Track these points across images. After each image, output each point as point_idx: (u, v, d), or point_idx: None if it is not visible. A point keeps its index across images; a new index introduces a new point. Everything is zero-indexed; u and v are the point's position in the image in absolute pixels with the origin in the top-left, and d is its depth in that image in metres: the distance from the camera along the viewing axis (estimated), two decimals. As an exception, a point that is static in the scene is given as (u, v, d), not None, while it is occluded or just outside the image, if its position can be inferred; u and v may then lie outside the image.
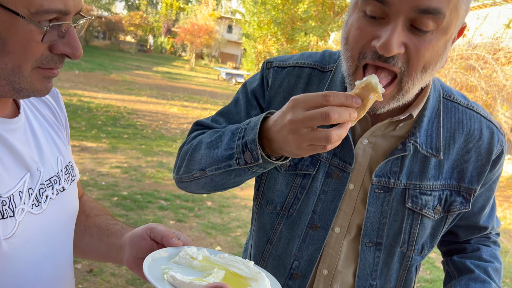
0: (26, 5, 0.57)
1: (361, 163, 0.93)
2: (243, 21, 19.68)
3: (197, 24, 30.79)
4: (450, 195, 0.93)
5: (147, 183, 5.24)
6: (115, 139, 7.20)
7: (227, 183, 0.90)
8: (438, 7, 0.71)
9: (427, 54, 0.75)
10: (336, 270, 0.98)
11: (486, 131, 0.93)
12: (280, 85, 0.98)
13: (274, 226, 1.01)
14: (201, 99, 14.81)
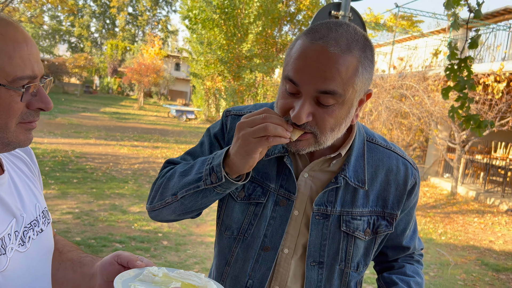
0: (4, 76, 0.75)
1: (303, 192, 1.12)
2: (190, 59, 20.02)
3: (144, 63, 30.79)
4: (376, 219, 1.13)
5: (101, 227, 5.18)
6: (64, 184, 7.05)
7: (195, 205, 1.07)
8: (334, 89, 0.92)
9: (331, 120, 0.96)
10: (286, 286, 1.13)
11: (402, 166, 1.15)
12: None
13: (232, 249, 1.17)
14: (152, 138, 14.75)
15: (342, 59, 0.91)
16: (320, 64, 0.91)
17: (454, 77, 2.04)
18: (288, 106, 0.96)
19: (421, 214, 8.01)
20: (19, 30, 0.79)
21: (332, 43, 0.91)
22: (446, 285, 4.74)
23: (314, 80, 0.92)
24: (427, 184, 11.33)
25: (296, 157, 1.13)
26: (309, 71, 0.92)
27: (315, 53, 0.92)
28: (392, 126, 7.24)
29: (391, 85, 7.20)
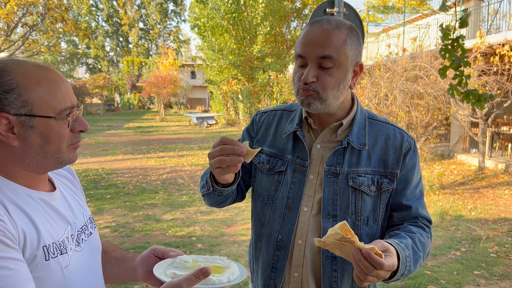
0: (52, 110, 0.95)
1: (316, 159, 1.37)
2: (204, 66, 20.32)
3: (161, 76, 31.38)
4: (380, 178, 1.34)
5: (137, 237, 5.45)
6: (99, 201, 7.39)
7: (215, 200, 1.41)
8: (330, 54, 1.23)
9: (331, 80, 1.26)
10: (307, 239, 1.34)
11: (399, 135, 1.38)
12: (263, 121, 1.52)
13: (264, 213, 1.42)
14: (176, 147, 15.11)
15: (333, 32, 1.24)
16: (318, 37, 1.24)
17: (449, 57, 2.15)
18: (300, 75, 1.29)
19: (449, 192, 7.99)
20: (55, 72, 1.00)
21: (325, 23, 1.27)
22: (479, 258, 4.77)
23: (315, 49, 1.24)
24: (454, 161, 11.21)
25: (310, 132, 1.40)
26: (311, 44, 1.25)
27: (313, 31, 1.26)
28: (409, 108, 7.26)
29: (403, 68, 7.22)
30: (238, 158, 1.14)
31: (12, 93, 0.91)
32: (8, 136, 0.92)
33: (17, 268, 0.84)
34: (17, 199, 0.93)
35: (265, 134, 1.48)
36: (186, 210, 6.86)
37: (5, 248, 0.83)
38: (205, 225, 6.00)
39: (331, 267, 1.32)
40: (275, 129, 1.47)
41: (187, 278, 0.92)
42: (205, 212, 6.70)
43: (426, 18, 17.14)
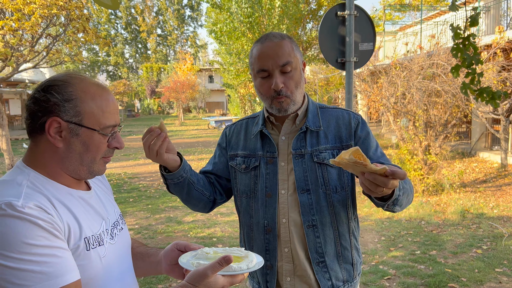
0: (98, 124, 1.09)
1: (283, 149, 1.59)
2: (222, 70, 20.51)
3: (179, 81, 31.79)
4: (338, 151, 1.55)
5: (160, 239, 5.60)
6: (122, 204, 7.59)
7: (179, 192, 1.62)
8: (288, 60, 1.47)
9: (293, 82, 1.50)
10: (289, 216, 1.54)
11: (346, 114, 1.63)
12: (233, 132, 1.75)
13: (250, 205, 1.62)
14: (196, 151, 15.30)
15: (283, 43, 1.49)
16: (273, 50, 1.48)
17: (461, 56, 2.19)
18: (268, 86, 1.50)
19: (470, 190, 7.89)
20: (109, 93, 1.14)
21: (273, 38, 1.51)
22: (501, 256, 4.73)
23: (275, 60, 1.47)
24: (476, 159, 11.03)
25: (274, 128, 1.62)
26: (269, 57, 1.47)
27: (267, 47, 1.49)
28: (427, 106, 7.21)
29: (420, 66, 7.18)
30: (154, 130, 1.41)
31: (70, 103, 1.05)
32: (55, 138, 1.05)
33: (64, 256, 0.95)
34: (61, 196, 1.04)
35: (237, 141, 1.70)
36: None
37: (53, 238, 0.94)
38: (225, 226, 6.10)
39: (313, 235, 1.52)
40: (245, 135, 1.68)
41: (211, 265, 1.02)
42: (225, 214, 6.81)
43: (444, 15, 16.92)
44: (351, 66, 3.19)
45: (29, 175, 1.03)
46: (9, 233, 0.87)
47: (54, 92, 1.04)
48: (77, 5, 7.54)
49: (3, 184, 1.00)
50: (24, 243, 0.88)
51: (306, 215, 1.53)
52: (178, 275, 1.29)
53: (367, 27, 3.18)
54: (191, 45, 62.15)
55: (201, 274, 1.03)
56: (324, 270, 1.53)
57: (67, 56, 8.65)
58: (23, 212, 0.90)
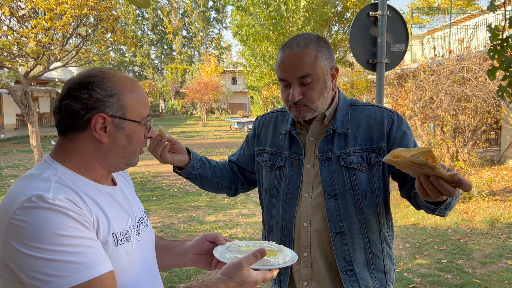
0: (139, 116, 1.10)
1: (310, 150, 1.53)
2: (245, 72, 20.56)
3: (203, 82, 32.05)
4: (368, 154, 1.47)
5: (182, 238, 5.63)
6: (145, 202, 7.68)
7: (196, 183, 1.70)
8: (307, 72, 1.39)
9: (314, 93, 1.42)
10: (311, 221, 1.50)
11: (379, 112, 1.51)
12: (263, 124, 1.72)
13: (272, 204, 1.60)
14: (218, 151, 15.38)
15: (303, 52, 1.40)
16: (292, 61, 1.40)
17: (498, 58, 2.11)
18: (287, 95, 1.45)
19: (500, 198, 7.64)
20: (140, 85, 1.14)
21: (294, 46, 1.41)
22: (533, 268, 4.55)
23: (293, 72, 1.40)
24: (505, 167, 10.68)
25: (303, 128, 1.55)
26: (288, 68, 1.41)
27: (287, 56, 1.42)
28: (456, 111, 7.03)
29: (449, 70, 7.00)
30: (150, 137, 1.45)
31: (113, 97, 1.05)
32: (101, 134, 1.05)
33: (97, 247, 0.94)
34: (88, 191, 1.04)
35: (265, 136, 1.67)
36: (228, 212, 6.99)
37: (84, 230, 0.93)
38: (246, 228, 6.09)
39: (341, 242, 1.47)
40: (273, 130, 1.65)
41: (247, 257, 1.02)
42: (247, 215, 6.80)
43: (474, 18, 16.50)
44: (383, 67, 3.11)
45: (56, 169, 1.02)
46: (41, 225, 0.87)
47: (97, 88, 1.04)
48: (106, 6, 7.69)
49: (32, 178, 0.99)
50: (56, 234, 0.87)
51: (333, 222, 1.46)
52: (205, 264, 1.30)
53: (400, 28, 3.10)
54: (216, 46, 62.66)
55: (236, 266, 1.04)
56: (353, 279, 1.47)
57: (95, 56, 8.83)
58: (54, 204, 0.90)
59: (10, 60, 8.00)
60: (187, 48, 63.02)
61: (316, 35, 1.49)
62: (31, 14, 8.01)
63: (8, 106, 25.53)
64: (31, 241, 0.86)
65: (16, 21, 7.94)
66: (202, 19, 61.40)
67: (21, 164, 12.62)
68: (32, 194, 0.91)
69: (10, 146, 17.77)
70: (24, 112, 8.71)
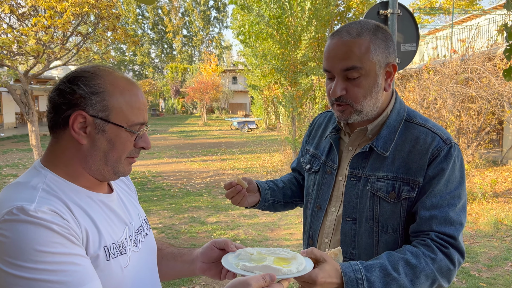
0: (126, 121, 0.99)
1: (345, 161, 1.38)
2: (246, 71, 20.49)
3: (203, 81, 31.98)
4: (401, 184, 1.24)
5: (183, 239, 5.56)
6: (146, 203, 7.61)
7: (270, 210, 1.64)
8: (354, 65, 1.20)
9: (360, 90, 1.23)
10: (332, 238, 1.38)
11: (429, 138, 1.25)
12: (316, 123, 1.62)
13: (306, 209, 1.52)
14: (219, 151, 15.31)
15: (354, 42, 1.20)
16: (338, 50, 1.22)
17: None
18: (329, 89, 1.28)
19: (504, 200, 7.58)
20: (139, 88, 1.05)
21: (344, 34, 1.23)
22: (539, 271, 4.48)
23: (338, 63, 1.22)
24: (508, 168, 10.62)
25: (346, 135, 1.40)
26: (333, 58, 1.23)
27: (333, 45, 1.24)
28: (460, 112, 6.96)
29: (453, 71, 6.94)
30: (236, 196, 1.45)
31: (97, 96, 0.96)
32: (79, 134, 0.96)
33: (83, 264, 0.86)
34: (79, 200, 0.95)
35: (315, 135, 1.56)
36: (229, 213, 6.92)
37: (70, 245, 0.85)
38: (248, 229, 6.03)
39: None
40: (323, 131, 1.52)
41: (256, 277, 0.93)
42: (249, 216, 6.74)
43: (476, 18, 16.44)
44: None
45: (45, 176, 0.94)
46: (22, 240, 0.79)
47: (81, 84, 0.96)
48: (107, 4, 7.62)
49: (17, 187, 0.91)
50: (38, 251, 0.80)
51: (346, 246, 1.31)
52: (215, 273, 1.21)
53: (410, 27, 3.02)
54: (216, 46, 62.58)
55: (243, 284, 0.95)
56: None
57: (96, 54, 8.76)
58: (36, 216, 0.82)
59: (10, 59, 7.93)
60: (187, 47, 62.93)
61: (375, 23, 1.29)
62: (31, 12, 7.94)
63: (8, 104, 25.46)
64: (11, 257, 0.79)
65: (16, 19, 7.86)
66: (203, 18, 61.29)
67: (21, 163, 12.55)
68: (13, 206, 0.83)
69: (10, 145, 17.70)
70: (23, 111, 8.64)
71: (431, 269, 1.13)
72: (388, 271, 1.11)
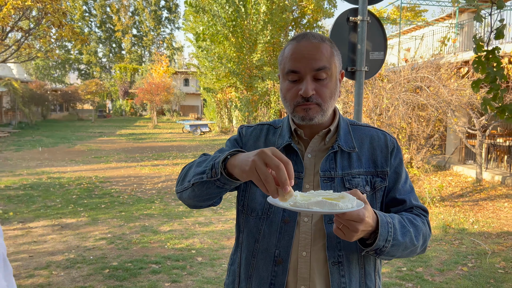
0: None
1: (309, 169, 1.36)
2: (199, 74, 20.19)
3: (154, 83, 31.18)
4: (372, 177, 1.36)
5: (135, 250, 5.26)
6: (93, 211, 7.18)
7: (203, 194, 1.29)
8: (324, 65, 1.26)
9: (327, 91, 1.28)
10: (311, 250, 1.29)
11: (382, 135, 1.42)
12: (251, 135, 1.49)
13: (259, 228, 1.36)
14: (170, 155, 14.90)
15: (322, 45, 1.27)
16: (310, 51, 1.26)
17: (482, 69, 2.04)
18: (295, 91, 1.28)
19: (449, 204, 7.92)
20: None
21: (312, 38, 1.29)
22: (487, 275, 4.67)
23: (310, 63, 1.25)
24: (450, 173, 11.17)
25: (300, 143, 1.39)
26: (304, 58, 1.25)
27: (304, 46, 1.27)
28: (411, 120, 7.19)
29: (406, 79, 7.16)
30: (277, 195, 1.04)
31: None
32: None
33: None
34: None
35: (255, 147, 1.43)
36: (183, 221, 6.67)
37: None
38: (204, 237, 5.82)
39: (338, 273, 1.29)
40: (264, 143, 1.44)
41: None
42: (204, 224, 6.53)
43: (420, 29, 17.26)
44: (362, 75, 2.98)
45: None
46: None
47: None
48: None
49: None
50: None
51: (332, 250, 1.29)
52: None
53: (379, 35, 3.01)
54: (167, 47, 61.40)
55: None
56: None
57: (40, 52, 8.17)
58: None
59: None
60: (137, 47, 61.22)
61: (327, 37, 1.43)
62: (-35, 3, 7.25)
63: None
64: None
65: None
66: (154, 18, 59.91)
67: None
68: None
69: None
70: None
71: (426, 229, 1.32)
72: (403, 223, 1.25)
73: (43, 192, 8.54)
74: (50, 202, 7.71)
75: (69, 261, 4.80)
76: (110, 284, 4.21)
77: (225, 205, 7.79)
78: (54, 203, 7.60)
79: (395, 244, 1.20)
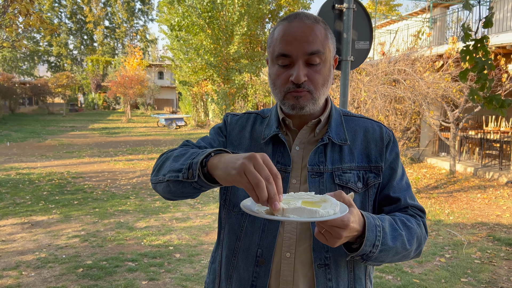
0: None
1: (297, 162, 1.25)
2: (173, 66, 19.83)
3: (127, 76, 30.49)
4: (365, 173, 1.24)
5: (110, 247, 5.08)
6: (65, 207, 6.92)
7: (177, 192, 1.17)
8: (318, 49, 1.14)
9: (320, 77, 1.17)
10: (296, 251, 1.19)
11: (377, 127, 1.31)
12: (236, 123, 1.38)
13: (241, 225, 1.26)
14: (145, 150, 14.61)
15: (316, 27, 1.16)
16: (302, 33, 1.14)
17: (470, 59, 2.00)
18: (286, 77, 1.17)
19: (425, 196, 8.04)
20: None
21: (305, 18, 1.17)
22: (464, 265, 4.73)
23: (302, 46, 1.13)
24: (425, 165, 11.37)
25: (288, 134, 1.28)
26: (296, 41, 1.13)
27: (296, 27, 1.15)
28: (389, 112, 7.23)
29: (383, 72, 7.18)
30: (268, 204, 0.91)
31: None
32: None
33: None
34: None
35: (240, 137, 1.34)
36: (160, 216, 6.52)
37: None
38: (182, 233, 5.69)
39: (325, 277, 1.19)
40: (250, 133, 1.33)
41: None
42: (181, 219, 6.39)
43: (395, 24, 17.48)
44: (348, 65, 2.88)
45: None
46: None
47: None
48: (19, -15, 6.75)
49: None
50: None
51: (318, 251, 1.19)
52: None
53: (364, 24, 2.92)
54: (141, 39, 60.21)
55: None
56: None
57: (6, 42, 7.78)
58: None
59: None
60: (109, 40, 59.74)
61: (320, 18, 1.25)
62: None
63: None
64: None
65: None
66: (126, 10, 58.54)
67: None
68: None
69: None
70: None
71: (421, 232, 1.21)
72: (395, 226, 1.15)
73: (11, 188, 8.19)
74: (19, 199, 7.40)
75: (40, 261, 4.58)
76: (84, 283, 4.04)
77: (203, 200, 7.66)
78: (24, 200, 7.30)
79: (384, 249, 1.09)
